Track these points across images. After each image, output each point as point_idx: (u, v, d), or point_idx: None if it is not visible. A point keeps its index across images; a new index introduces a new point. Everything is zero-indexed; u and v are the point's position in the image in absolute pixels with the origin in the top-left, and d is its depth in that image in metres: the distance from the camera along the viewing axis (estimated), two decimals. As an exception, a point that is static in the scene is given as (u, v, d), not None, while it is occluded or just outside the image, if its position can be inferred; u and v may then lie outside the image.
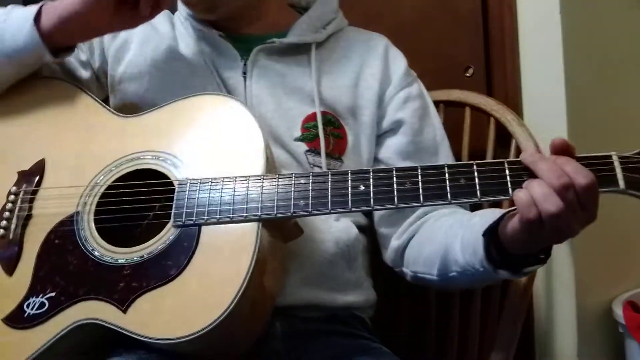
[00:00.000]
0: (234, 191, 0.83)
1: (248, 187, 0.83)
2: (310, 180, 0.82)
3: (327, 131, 1.02)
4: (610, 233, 1.43)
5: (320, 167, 1.00)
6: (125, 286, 0.81)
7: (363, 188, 0.79)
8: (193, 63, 1.03)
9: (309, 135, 1.01)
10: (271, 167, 0.88)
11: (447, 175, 0.78)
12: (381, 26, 1.32)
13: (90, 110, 0.99)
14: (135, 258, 0.83)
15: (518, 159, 0.78)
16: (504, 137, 1.22)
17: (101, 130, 0.96)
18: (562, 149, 0.76)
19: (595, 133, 1.37)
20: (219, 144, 0.89)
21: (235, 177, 0.83)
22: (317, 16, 1.09)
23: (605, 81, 1.42)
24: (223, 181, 0.84)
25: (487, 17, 1.41)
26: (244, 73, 1.03)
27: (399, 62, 1.11)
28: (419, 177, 0.79)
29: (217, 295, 0.77)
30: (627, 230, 1.47)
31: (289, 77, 1.04)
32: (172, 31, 1.09)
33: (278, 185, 0.82)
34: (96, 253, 0.85)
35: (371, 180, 0.80)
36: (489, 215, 0.84)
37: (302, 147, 1.01)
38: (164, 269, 0.80)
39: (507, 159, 0.78)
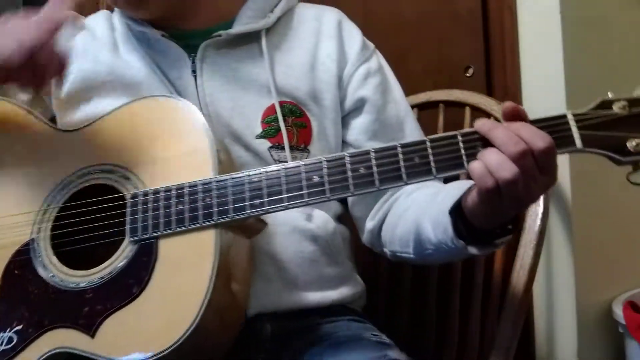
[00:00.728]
0: (188, 198, 0.80)
1: (200, 191, 0.80)
2: (264, 177, 0.79)
3: (290, 122, 0.98)
4: (610, 233, 1.43)
5: (287, 162, 0.93)
6: (89, 310, 0.79)
7: (317, 179, 0.77)
8: (137, 69, 0.98)
9: (270, 130, 0.97)
10: (228, 168, 0.84)
11: (400, 155, 0.76)
12: (381, 26, 1.32)
13: (32, 128, 0.93)
14: (96, 280, 0.81)
15: (472, 130, 0.75)
16: (504, 137, 1.22)
17: (47, 148, 0.91)
18: (513, 114, 0.74)
19: (595, 133, 1.37)
20: (166, 149, 0.85)
21: (188, 183, 0.81)
22: None
23: (605, 81, 1.41)
24: (175, 189, 0.81)
25: (487, 17, 1.42)
26: (194, 72, 0.97)
27: (354, 37, 1.05)
28: (372, 160, 0.76)
29: (182, 308, 0.76)
30: (627, 230, 1.47)
31: (242, 70, 0.98)
32: (111, 35, 1.02)
33: (231, 186, 0.80)
34: (56, 279, 0.82)
35: (325, 169, 0.77)
36: (456, 189, 0.83)
37: (265, 144, 0.96)
38: (126, 287, 0.79)
39: (460, 130, 0.76)
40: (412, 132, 1.04)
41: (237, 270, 0.83)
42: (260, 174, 0.79)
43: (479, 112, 1.26)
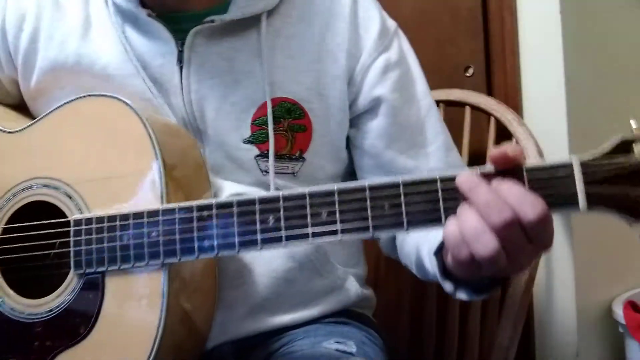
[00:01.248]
0: (132, 231, 0.72)
1: (145, 224, 0.72)
2: (214, 213, 0.69)
3: (285, 125, 0.85)
4: (610, 233, 1.43)
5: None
6: (39, 346, 0.75)
7: (273, 221, 0.66)
8: (108, 58, 0.85)
9: (260, 135, 0.84)
10: (189, 189, 0.77)
11: (368, 200, 0.64)
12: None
13: None
14: (44, 312, 0.76)
15: (454, 174, 0.62)
16: (504, 137, 1.22)
17: None
18: (504, 162, 0.60)
19: (595, 133, 1.37)
20: (110, 165, 0.77)
21: (132, 213, 0.72)
22: None
23: (605, 81, 1.42)
24: (119, 219, 0.73)
25: (487, 17, 1.42)
26: (180, 61, 0.83)
27: (371, 18, 0.89)
28: (336, 204, 0.65)
29: (133, 350, 0.72)
30: (627, 230, 1.47)
31: (237, 60, 0.84)
32: (84, 11, 0.87)
33: (178, 220, 0.70)
34: (6, 307, 0.78)
35: (282, 210, 0.66)
36: None
37: (252, 151, 0.84)
38: (74, 325, 0.74)
39: (441, 175, 0.63)
40: (435, 136, 0.91)
41: (194, 300, 0.77)
42: (211, 209, 0.69)
43: (478, 112, 1.26)
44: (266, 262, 0.84)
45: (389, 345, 0.97)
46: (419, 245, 0.81)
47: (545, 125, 1.33)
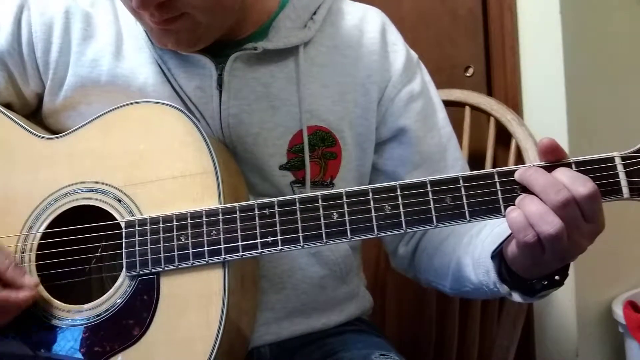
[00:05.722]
0: (190, 230, 0.72)
1: (204, 223, 0.72)
2: (276, 210, 0.71)
3: (319, 153, 0.87)
4: (610, 233, 1.42)
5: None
6: (86, 352, 0.72)
7: (337, 216, 0.70)
8: (143, 79, 0.84)
9: (296, 162, 0.86)
10: (236, 195, 0.77)
11: (430, 194, 0.69)
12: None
13: (9, 134, 0.81)
14: (91, 317, 0.74)
15: (510, 169, 0.69)
16: (504, 137, 1.22)
17: (24, 157, 0.80)
18: (552, 150, 0.68)
19: (595, 133, 1.37)
20: (162, 168, 0.76)
21: (189, 212, 0.72)
22: (303, 5, 0.87)
23: (605, 81, 1.41)
24: (176, 219, 0.73)
25: (487, 17, 1.41)
26: (220, 86, 0.83)
27: (398, 52, 0.92)
28: (399, 198, 0.69)
29: (190, 352, 0.70)
30: (626, 230, 1.47)
31: (273, 87, 0.85)
32: (115, 24, 0.86)
33: (239, 218, 0.71)
34: (47, 314, 0.75)
35: (345, 206, 0.70)
36: (499, 228, 0.77)
37: (288, 177, 0.86)
38: (126, 328, 0.72)
39: (497, 169, 0.69)
40: (455, 161, 0.94)
41: (246, 302, 0.77)
42: (273, 207, 0.71)
43: (478, 112, 1.26)
44: (304, 269, 0.88)
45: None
46: (459, 255, 0.84)
47: (545, 125, 1.33)
